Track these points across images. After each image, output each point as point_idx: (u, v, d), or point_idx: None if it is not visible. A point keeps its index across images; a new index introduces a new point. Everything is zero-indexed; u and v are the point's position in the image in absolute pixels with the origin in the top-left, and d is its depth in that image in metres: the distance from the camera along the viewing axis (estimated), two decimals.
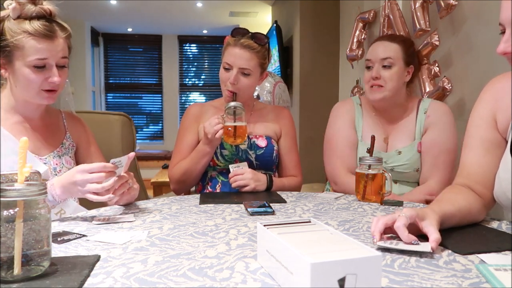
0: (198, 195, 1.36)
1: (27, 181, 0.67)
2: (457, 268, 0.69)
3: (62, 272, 0.66)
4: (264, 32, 1.58)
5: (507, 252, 0.77)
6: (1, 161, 1.15)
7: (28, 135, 1.21)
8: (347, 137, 1.56)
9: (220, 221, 1.02)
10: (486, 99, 1.06)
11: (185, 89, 7.59)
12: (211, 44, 7.54)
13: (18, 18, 1.16)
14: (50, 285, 0.61)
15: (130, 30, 7.20)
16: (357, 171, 1.29)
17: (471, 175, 1.03)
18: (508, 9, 0.87)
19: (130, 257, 0.75)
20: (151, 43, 7.44)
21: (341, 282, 0.52)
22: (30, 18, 1.16)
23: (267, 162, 1.57)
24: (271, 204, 1.18)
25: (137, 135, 5.68)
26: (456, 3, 1.87)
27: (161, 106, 7.50)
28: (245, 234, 0.90)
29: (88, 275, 0.65)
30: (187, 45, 7.60)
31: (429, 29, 2.02)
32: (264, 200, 1.23)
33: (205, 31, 7.29)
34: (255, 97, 1.73)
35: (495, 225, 0.98)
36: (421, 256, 0.74)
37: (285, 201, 1.26)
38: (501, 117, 1.02)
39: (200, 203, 1.22)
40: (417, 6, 2.06)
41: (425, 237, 0.80)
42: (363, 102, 1.63)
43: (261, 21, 6.21)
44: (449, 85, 1.94)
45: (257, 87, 3.14)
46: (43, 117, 1.32)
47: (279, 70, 4.50)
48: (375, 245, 0.78)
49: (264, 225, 0.70)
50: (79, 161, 1.39)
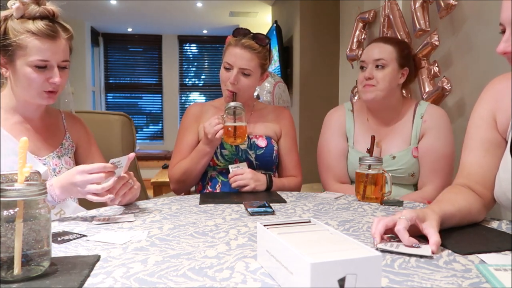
0: (198, 195, 1.36)
1: (27, 181, 0.67)
2: (457, 268, 0.69)
3: (62, 272, 0.66)
4: (264, 32, 1.58)
5: (507, 252, 0.77)
6: (1, 162, 1.15)
7: (27, 136, 1.21)
8: (336, 147, 1.58)
9: (220, 221, 1.02)
10: (486, 99, 1.06)
11: (185, 89, 7.59)
12: (211, 44, 7.54)
13: (21, 18, 1.16)
14: (50, 285, 0.61)
15: (130, 30, 7.20)
16: (357, 171, 1.29)
17: (471, 175, 1.03)
18: (508, 9, 0.87)
19: (130, 257, 0.75)
20: (151, 43, 7.44)
21: (341, 282, 0.52)
22: (33, 18, 1.16)
23: (267, 162, 1.58)
24: (271, 204, 1.18)
25: (137, 135, 5.68)
26: (456, 3, 1.87)
27: (161, 106, 7.50)
28: (245, 234, 0.90)
29: (88, 275, 0.65)
30: (187, 45, 7.60)
31: (429, 29, 2.02)
32: (264, 200, 1.23)
33: (205, 31, 7.30)
34: (254, 97, 1.72)
35: (495, 225, 0.98)
36: (421, 256, 0.74)
37: (285, 201, 1.26)
38: (501, 117, 1.02)
39: (200, 203, 1.22)
40: (417, 6, 2.05)
41: (426, 237, 0.80)
42: (355, 107, 1.63)
43: (261, 21, 6.21)
44: (449, 85, 1.94)
45: (257, 87, 3.15)
46: (43, 118, 1.32)
47: (279, 70, 4.50)
48: (375, 248, 0.77)
49: (264, 225, 0.70)
50: (79, 162, 1.39)
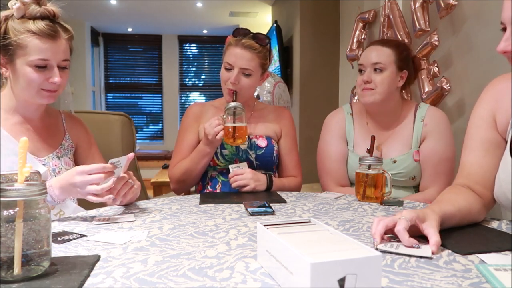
0: (198, 195, 1.36)
1: (27, 181, 0.67)
2: (457, 268, 0.69)
3: (62, 272, 0.66)
4: (264, 32, 1.58)
5: (507, 252, 0.77)
6: (1, 162, 1.15)
7: (27, 136, 1.21)
8: (336, 151, 1.57)
9: (220, 221, 1.02)
10: (486, 99, 1.06)
11: (185, 89, 7.59)
12: (211, 44, 7.54)
13: (21, 18, 1.16)
14: (50, 285, 0.61)
15: (130, 30, 7.20)
16: (357, 171, 1.29)
17: (471, 175, 1.03)
18: (509, 8, 0.87)
19: (130, 257, 0.74)
20: (151, 43, 7.44)
21: (341, 282, 0.52)
22: (33, 18, 1.16)
23: (267, 162, 1.58)
24: (271, 204, 1.18)
25: (137, 135, 5.68)
26: (456, 3, 1.87)
27: (161, 106, 7.50)
28: (245, 234, 0.90)
29: (88, 275, 0.65)
30: (187, 45, 7.60)
31: (429, 29, 2.02)
32: (264, 200, 1.23)
33: (205, 31, 7.30)
34: (255, 97, 1.72)
35: (495, 225, 0.98)
36: (421, 256, 0.74)
37: (285, 201, 1.26)
38: (501, 117, 1.02)
39: (200, 203, 1.22)
40: (417, 6, 2.06)
41: (426, 237, 0.80)
42: (354, 110, 1.62)
43: (261, 21, 6.21)
44: (448, 85, 1.94)
45: (257, 87, 3.15)
46: (43, 118, 1.32)
47: (279, 70, 4.50)
48: (376, 248, 0.78)
49: (264, 225, 0.70)
50: (79, 162, 1.38)
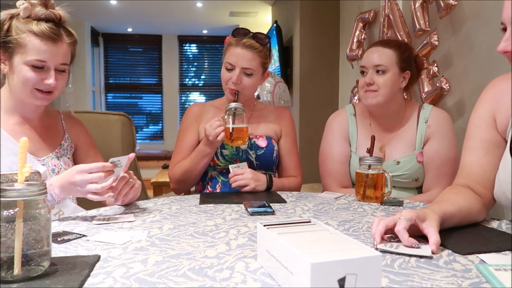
0: (198, 195, 1.36)
1: (27, 181, 0.67)
2: (457, 268, 0.69)
3: (62, 272, 0.66)
4: (264, 32, 1.58)
5: (507, 252, 0.77)
6: (1, 162, 1.15)
7: (27, 136, 1.21)
8: (338, 152, 1.56)
9: (220, 221, 1.02)
10: (486, 99, 1.06)
11: (185, 89, 7.59)
12: (211, 44, 7.54)
13: (27, 18, 1.17)
14: (50, 285, 0.61)
15: (130, 30, 7.20)
16: (357, 171, 1.29)
17: (471, 175, 1.03)
18: (509, 8, 0.87)
19: (130, 257, 0.74)
20: (151, 43, 7.44)
21: (341, 282, 0.52)
22: (38, 19, 1.17)
23: (268, 162, 1.57)
24: (271, 204, 1.18)
25: (137, 135, 5.68)
26: (456, 3, 1.87)
27: (161, 106, 7.50)
28: (245, 234, 0.90)
29: (88, 275, 0.65)
30: (187, 45, 7.60)
31: (429, 29, 2.02)
32: (264, 200, 1.23)
33: (205, 31, 7.30)
34: (255, 97, 1.72)
35: (495, 225, 0.98)
36: (421, 256, 0.74)
37: (285, 201, 1.26)
38: (500, 117, 1.02)
39: (200, 203, 1.22)
40: (417, 6, 2.06)
41: (426, 237, 0.80)
42: (357, 111, 1.62)
43: (261, 21, 6.21)
44: (447, 85, 1.94)
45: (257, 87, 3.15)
46: (42, 118, 1.32)
47: (279, 70, 4.50)
48: (376, 248, 0.78)
49: (264, 225, 0.70)
50: (78, 162, 1.38)
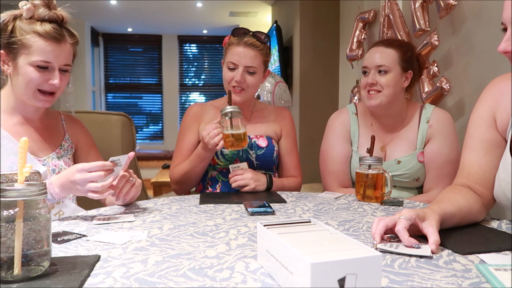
0: (198, 195, 1.36)
1: (27, 181, 0.67)
2: (457, 268, 0.69)
3: (62, 272, 0.66)
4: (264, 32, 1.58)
5: (507, 252, 0.77)
6: (1, 162, 1.15)
7: (27, 136, 1.21)
8: (339, 152, 1.56)
9: (220, 221, 1.02)
10: (486, 99, 1.06)
11: (185, 89, 7.59)
12: (211, 44, 7.54)
13: (30, 18, 1.18)
14: (50, 285, 0.61)
15: (130, 30, 7.20)
16: (357, 171, 1.29)
17: (471, 175, 1.03)
18: (509, 8, 0.87)
19: (130, 257, 0.74)
20: (151, 43, 7.44)
21: (341, 282, 0.52)
22: (42, 20, 1.18)
23: (268, 162, 1.57)
24: (271, 204, 1.18)
25: (137, 135, 5.69)
26: (456, 3, 1.87)
27: (161, 106, 7.50)
28: (245, 234, 0.90)
29: (88, 275, 0.65)
30: (187, 45, 7.60)
31: (429, 29, 2.02)
32: (264, 200, 1.23)
33: (205, 31, 7.30)
34: (255, 97, 1.72)
35: (495, 225, 0.98)
36: (421, 256, 0.74)
37: (285, 201, 1.26)
38: (500, 117, 1.02)
39: (200, 203, 1.22)
40: (417, 6, 2.06)
41: (425, 237, 0.80)
42: (359, 110, 1.61)
43: (261, 21, 6.21)
44: (447, 85, 1.94)
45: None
46: (43, 119, 1.32)
47: (279, 70, 4.51)
48: (375, 247, 0.78)
49: (264, 225, 0.70)
50: (78, 163, 1.38)
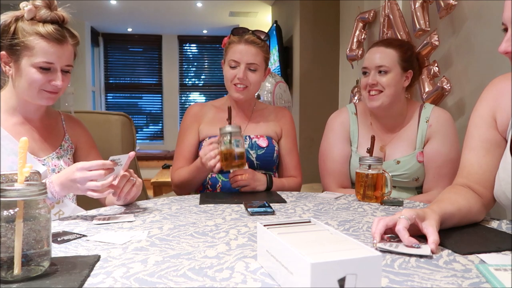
0: (198, 195, 1.36)
1: (27, 181, 0.67)
2: (457, 268, 0.69)
3: (62, 272, 0.66)
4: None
5: (507, 252, 0.77)
6: (1, 162, 1.15)
7: (27, 136, 1.21)
8: (339, 152, 1.55)
9: (220, 221, 1.02)
10: (486, 99, 1.06)
11: (185, 89, 7.59)
12: (211, 44, 7.54)
13: (31, 20, 1.18)
14: (50, 285, 0.61)
15: (130, 30, 7.20)
16: (357, 171, 1.29)
17: (471, 175, 1.03)
18: (509, 8, 0.87)
19: (130, 257, 0.74)
20: (151, 43, 7.44)
21: (341, 282, 0.52)
22: (43, 21, 1.18)
23: (268, 162, 1.57)
24: (271, 204, 1.18)
25: (137, 135, 5.69)
26: (456, 3, 1.87)
27: (161, 106, 7.50)
28: (245, 234, 0.90)
29: (88, 275, 0.65)
30: (187, 45, 7.61)
31: (429, 29, 2.02)
32: (264, 200, 1.23)
33: (205, 31, 7.30)
34: (255, 97, 1.72)
35: (495, 225, 0.98)
36: (421, 256, 0.74)
37: (285, 201, 1.26)
38: (500, 117, 1.02)
39: (200, 203, 1.22)
40: (417, 6, 2.06)
41: (425, 237, 0.80)
42: (358, 110, 1.61)
43: (261, 21, 6.21)
44: (448, 85, 1.94)
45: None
46: (43, 119, 1.32)
47: (279, 70, 4.51)
48: (375, 247, 0.78)
49: (264, 225, 0.70)
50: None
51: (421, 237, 0.81)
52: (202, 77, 7.72)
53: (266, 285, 0.62)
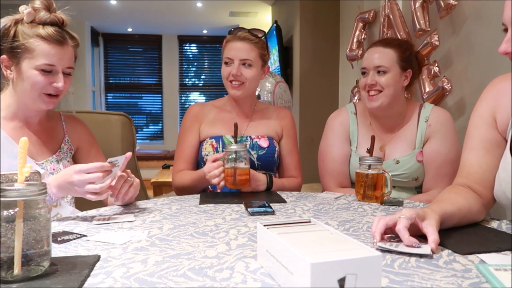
0: (198, 195, 1.36)
1: (27, 181, 0.67)
2: (457, 268, 0.69)
3: (62, 272, 0.66)
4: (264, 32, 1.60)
5: (507, 252, 0.77)
6: (0, 162, 1.14)
7: None
8: (338, 151, 1.55)
9: (220, 221, 1.02)
10: (486, 99, 1.06)
11: (185, 89, 7.60)
12: (211, 44, 7.54)
13: (31, 22, 1.18)
14: (50, 285, 0.61)
15: (130, 30, 7.20)
16: (357, 171, 1.28)
17: (471, 175, 1.03)
18: (509, 9, 0.87)
19: (130, 257, 0.74)
20: (151, 43, 7.45)
21: (341, 282, 0.52)
22: (43, 24, 1.18)
23: (269, 162, 1.57)
24: (271, 204, 1.18)
25: (137, 135, 5.69)
26: (456, 3, 1.87)
27: (161, 106, 7.50)
28: (245, 234, 0.90)
29: (88, 275, 0.65)
30: (187, 45, 7.61)
31: (429, 29, 2.02)
32: (264, 200, 1.23)
33: (205, 31, 7.30)
34: (255, 97, 1.72)
35: (495, 225, 0.98)
36: (421, 256, 0.74)
37: (285, 201, 1.26)
38: (500, 116, 1.02)
39: (200, 203, 1.22)
40: (417, 6, 2.06)
41: (425, 237, 0.80)
42: (358, 109, 1.61)
43: (261, 21, 6.21)
44: (449, 85, 1.94)
45: (257, 88, 3.15)
46: (42, 122, 1.31)
47: (279, 70, 4.51)
48: (375, 246, 0.78)
49: (264, 225, 0.70)
50: (80, 162, 1.38)
51: (421, 237, 0.81)
52: (202, 77, 7.72)
53: (266, 285, 0.62)
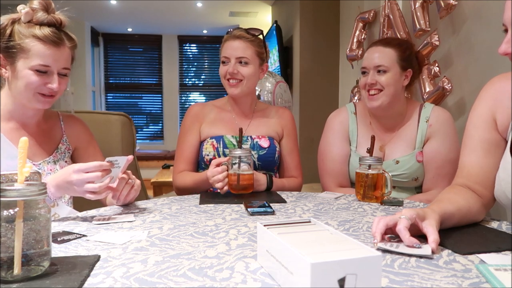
0: (198, 195, 1.36)
1: (27, 181, 0.67)
2: (457, 268, 0.69)
3: (62, 272, 0.66)
4: (264, 32, 1.60)
5: (507, 252, 0.77)
6: (0, 162, 1.14)
7: None
8: (338, 151, 1.55)
9: (220, 221, 1.02)
10: (485, 99, 1.06)
11: (185, 89, 7.60)
12: (211, 44, 7.54)
13: (28, 22, 1.17)
14: (50, 285, 0.61)
15: (130, 30, 7.20)
16: (357, 171, 1.28)
17: (470, 175, 1.03)
18: (509, 9, 0.87)
19: (130, 257, 0.74)
20: (151, 43, 7.45)
21: (341, 282, 0.52)
22: (40, 24, 1.17)
23: (269, 162, 1.57)
24: (271, 204, 1.18)
25: (137, 135, 5.69)
26: (456, 3, 1.87)
27: (161, 106, 7.50)
28: (245, 234, 0.90)
29: (88, 275, 0.65)
30: (187, 45, 7.61)
31: (429, 29, 2.02)
32: (264, 200, 1.23)
33: (205, 31, 7.30)
34: (256, 97, 1.72)
35: (495, 225, 0.98)
36: (421, 256, 0.74)
37: (285, 201, 1.26)
38: (500, 117, 1.02)
39: (200, 203, 1.22)
40: (417, 6, 2.06)
41: (425, 237, 0.80)
42: (358, 109, 1.61)
43: (261, 21, 6.22)
44: (449, 85, 1.94)
45: (257, 87, 3.15)
46: (40, 123, 1.31)
47: (279, 70, 4.51)
48: (376, 247, 0.78)
49: (264, 225, 0.70)
50: (78, 161, 1.37)
51: (421, 237, 0.81)
52: (202, 77, 7.72)
53: (266, 285, 0.62)
